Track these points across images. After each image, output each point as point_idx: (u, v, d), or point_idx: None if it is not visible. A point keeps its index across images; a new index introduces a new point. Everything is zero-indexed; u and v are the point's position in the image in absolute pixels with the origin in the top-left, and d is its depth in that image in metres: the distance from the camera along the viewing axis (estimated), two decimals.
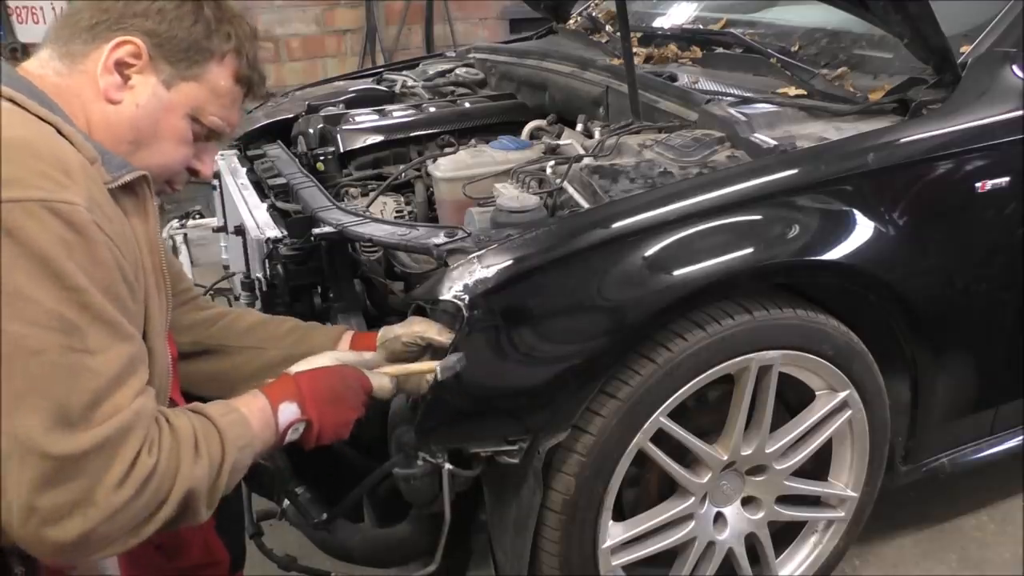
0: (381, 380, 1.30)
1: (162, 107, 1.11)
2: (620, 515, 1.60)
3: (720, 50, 2.21)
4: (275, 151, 2.26)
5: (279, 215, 1.87)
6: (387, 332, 1.41)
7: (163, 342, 1.13)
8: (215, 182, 2.23)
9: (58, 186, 0.92)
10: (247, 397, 1.15)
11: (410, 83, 2.70)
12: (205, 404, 1.11)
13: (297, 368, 1.26)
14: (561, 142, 1.91)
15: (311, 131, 2.29)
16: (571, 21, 2.88)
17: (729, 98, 1.83)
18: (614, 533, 1.57)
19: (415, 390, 1.35)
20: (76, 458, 0.89)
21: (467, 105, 2.44)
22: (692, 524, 1.64)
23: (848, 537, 1.83)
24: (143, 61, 1.09)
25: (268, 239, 1.71)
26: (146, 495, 0.95)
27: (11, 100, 1.00)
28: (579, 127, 2.08)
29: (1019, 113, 1.67)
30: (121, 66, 1.09)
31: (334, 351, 1.38)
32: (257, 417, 1.13)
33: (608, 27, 2.64)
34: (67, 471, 0.89)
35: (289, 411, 1.16)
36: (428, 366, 1.33)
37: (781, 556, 1.80)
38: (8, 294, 0.86)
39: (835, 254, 1.53)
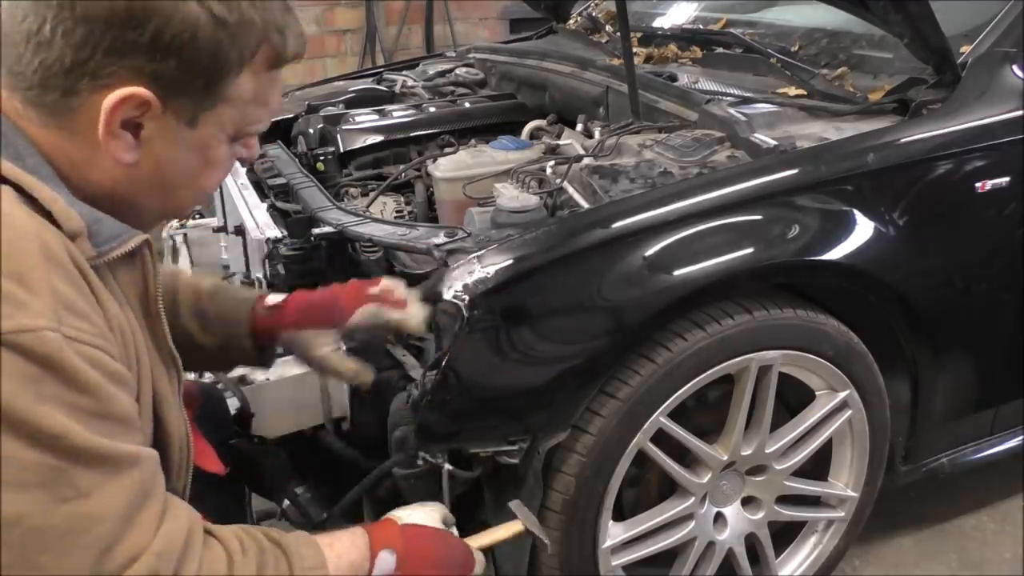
0: (479, 556, 1.14)
1: (191, 148, 0.89)
2: (620, 515, 1.60)
3: (720, 50, 2.21)
4: (275, 151, 2.26)
5: (279, 215, 1.88)
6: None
7: (176, 411, 1.00)
8: None
9: (14, 308, 0.73)
10: (346, 532, 1.01)
11: (410, 83, 2.70)
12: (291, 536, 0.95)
13: (405, 517, 1.11)
14: (561, 142, 1.91)
15: (311, 131, 2.29)
16: (571, 21, 2.88)
17: (729, 98, 1.83)
18: (614, 533, 1.57)
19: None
20: None
21: (467, 105, 2.45)
22: (692, 524, 1.64)
23: (848, 537, 1.83)
24: (154, 108, 0.84)
25: (268, 239, 1.71)
26: None
27: None
28: (579, 127, 2.08)
29: (1019, 113, 1.67)
30: (128, 124, 0.84)
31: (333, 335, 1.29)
32: (349, 553, 0.98)
33: (608, 27, 2.64)
34: None
35: (387, 563, 1.00)
36: (515, 529, 1.21)
37: (781, 556, 1.80)
38: None
39: (835, 254, 1.53)
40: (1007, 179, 1.65)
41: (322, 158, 2.21)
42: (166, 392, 0.97)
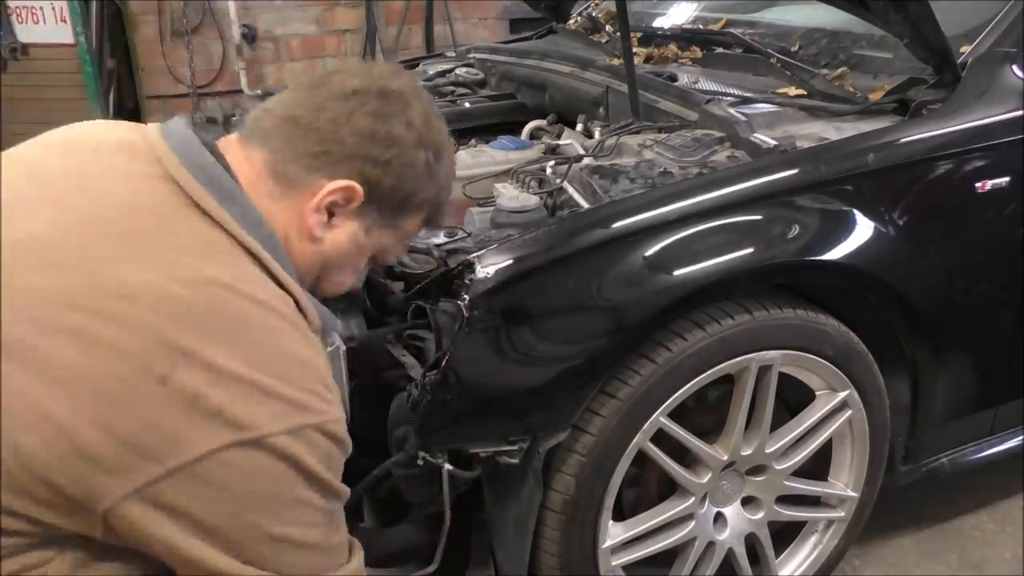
0: None
1: (356, 247, 1.09)
2: (620, 515, 1.60)
3: (720, 50, 2.21)
4: None
5: None
6: None
7: None
8: None
9: (326, 404, 0.95)
10: None
11: None
12: None
13: None
14: (561, 142, 1.91)
15: None
16: (571, 21, 2.88)
17: (729, 98, 1.83)
18: (614, 533, 1.57)
19: None
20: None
21: (467, 105, 2.44)
22: (692, 524, 1.64)
23: (848, 537, 1.83)
24: (354, 206, 1.04)
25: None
26: None
27: (256, 257, 0.96)
28: (579, 127, 2.08)
29: (1019, 113, 1.67)
30: (332, 206, 1.03)
31: None
32: None
33: (608, 27, 2.64)
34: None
35: None
36: None
37: (781, 556, 1.80)
38: (291, 503, 0.92)
39: (835, 254, 1.53)
40: (1007, 179, 1.65)
41: None
42: None
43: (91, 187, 0.95)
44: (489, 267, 1.36)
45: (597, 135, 1.92)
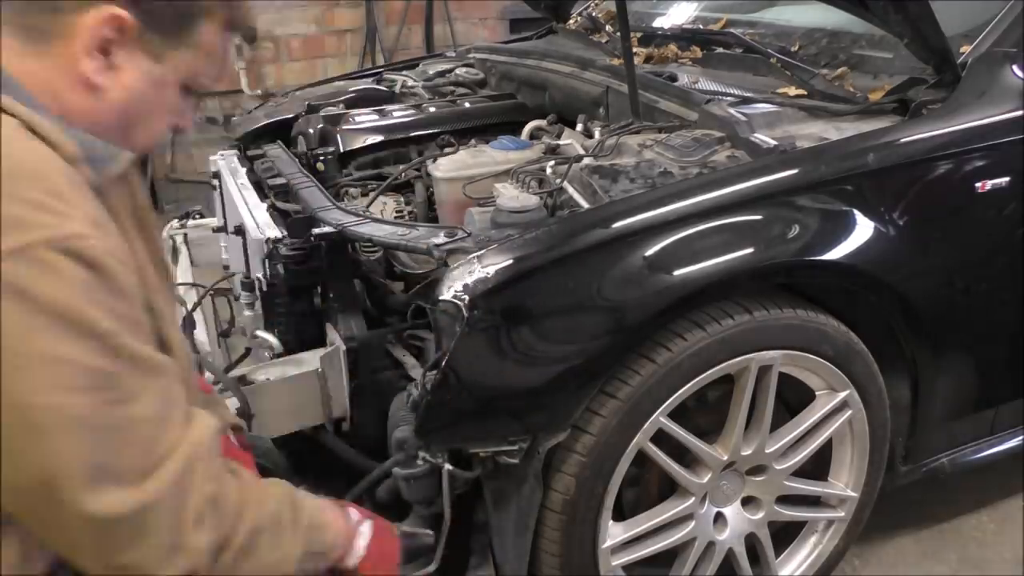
0: None
1: (153, 83, 0.94)
2: (620, 515, 1.60)
3: (720, 50, 2.21)
4: (275, 151, 2.26)
5: (279, 215, 1.87)
6: None
7: (176, 329, 1.04)
8: (215, 182, 2.23)
9: (60, 218, 0.79)
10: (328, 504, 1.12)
11: (410, 83, 2.70)
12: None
13: None
14: (561, 142, 1.91)
15: (311, 131, 2.29)
16: (571, 21, 2.88)
17: (729, 98, 1.83)
18: (614, 533, 1.57)
19: None
20: (149, 508, 0.83)
21: (467, 105, 2.44)
22: (692, 524, 1.64)
23: (848, 537, 1.83)
24: (128, 35, 0.90)
25: (268, 239, 1.71)
26: (220, 527, 0.90)
27: None
28: (579, 127, 2.08)
29: (1019, 113, 1.67)
30: (104, 44, 0.89)
31: None
32: (315, 503, 1.09)
33: (608, 27, 2.64)
34: (147, 523, 0.84)
35: (354, 514, 1.16)
36: None
37: (781, 556, 1.80)
38: (34, 362, 0.77)
39: (835, 254, 1.53)
40: (1007, 179, 1.65)
41: (322, 158, 2.21)
42: (166, 311, 1.00)
43: None
44: (489, 267, 1.36)
45: (597, 135, 1.92)
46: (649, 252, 1.43)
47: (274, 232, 1.74)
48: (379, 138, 2.30)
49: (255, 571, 0.95)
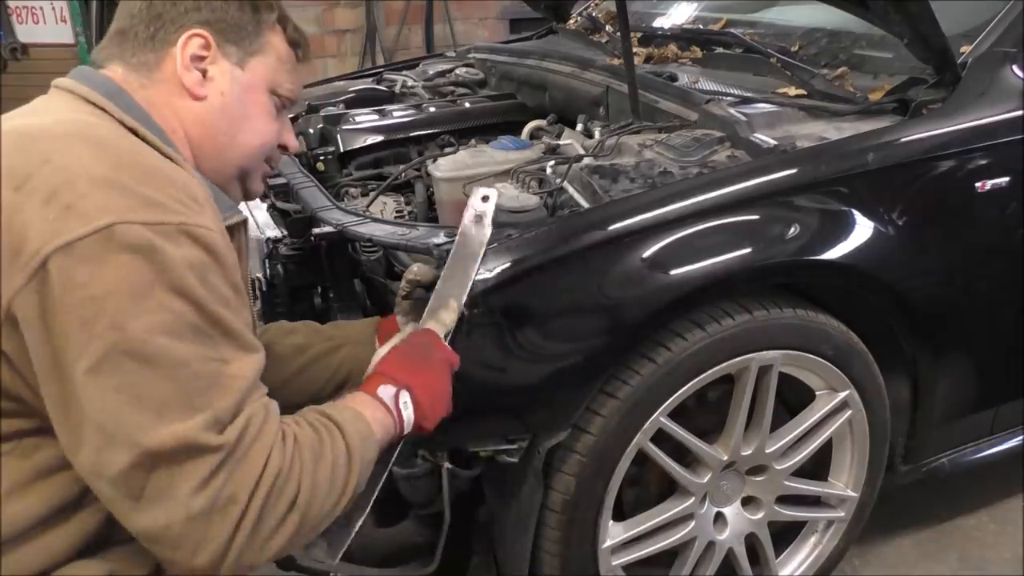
0: (439, 319, 1.31)
1: (244, 88, 1.14)
2: (620, 515, 1.60)
3: (720, 50, 2.21)
4: None
5: (279, 215, 1.87)
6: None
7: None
8: None
9: (194, 213, 0.95)
10: (350, 397, 1.15)
11: (410, 83, 2.70)
12: (321, 406, 1.11)
13: (369, 371, 1.26)
14: (561, 142, 1.91)
15: (311, 131, 2.29)
16: (571, 21, 2.88)
17: (729, 98, 1.83)
18: (614, 533, 1.57)
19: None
20: (230, 448, 0.91)
21: (467, 105, 2.44)
22: (692, 524, 1.64)
23: (848, 537, 1.83)
24: (213, 50, 1.11)
25: (268, 239, 1.71)
26: (281, 497, 0.96)
27: (133, 131, 1.03)
28: (579, 127, 2.08)
29: (1019, 113, 1.67)
30: (196, 60, 1.10)
31: (390, 341, 1.37)
32: (368, 406, 1.13)
33: (608, 27, 2.64)
34: (225, 463, 0.91)
35: (388, 392, 1.16)
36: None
37: (781, 556, 1.80)
38: (153, 309, 0.89)
39: (835, 254, 1.53)
40: (1007, 179, 1.65)
41: (322, 158, 2.21)
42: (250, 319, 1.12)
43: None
44: (489, 267, 1.36)
45: (597, 135, 1.92)
46: (649, 252, 1.43)
47: (274, 232, 1.74)
48: (379, 138, 2.30)
49: (320, 511, 1.01)
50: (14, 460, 0.95)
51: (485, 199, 1.41)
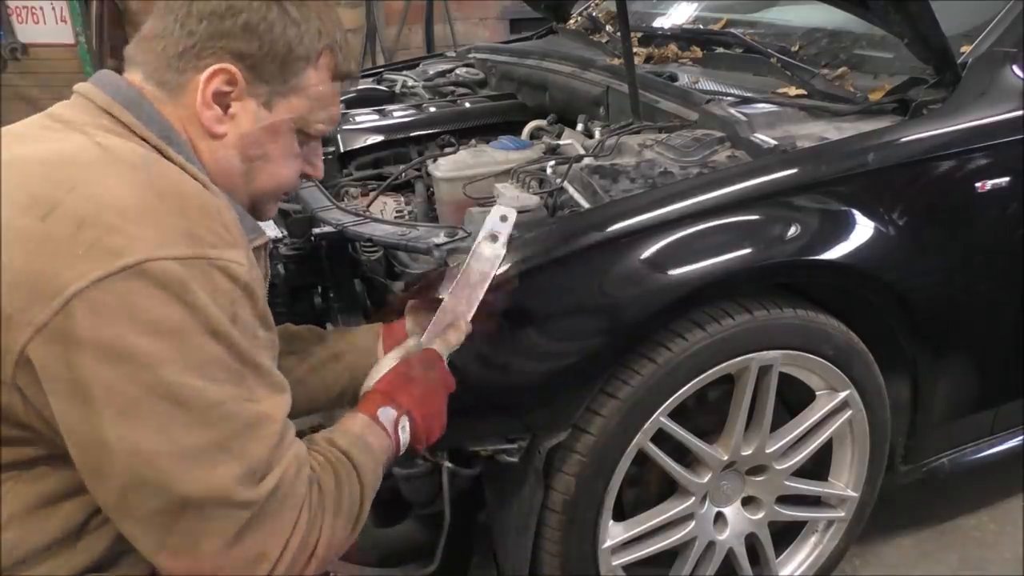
0: (446, 339, 1.28)
1: (267, 130, 1.05)
2: (620, 515, 1.60)
3: (720, 50, 2.21)
4: None
5: (279, 215, 1.87)
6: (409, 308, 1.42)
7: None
8: None
9: (227, 245, 0.92)
10: (349, 419, 1.13)
11: (410, 83, 2.70)
12: (334, 434, 1.09)
13: (368, 382, 1.24)
14: (561, 142, 1.91)
15: None
16: (571, 21, 2.88)
17: (729, 98, 1.83)
18: (614, 533, 1.57)
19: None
20: (262, 503, 0.90)
21: (467, 105, 2.44)
22: (692, 524, 1.64)
23: (848, 537, 1.83)
24: (240, 87, 1.02)
25: (268, 239, 1.71)
26: (306, 549, 0.96)
27: (158, 149, 0.98)
28: (579, 127, 2.08)
29: (1019, 113, 1.67)
30: (219, 96, 1.02)
31: (394, 351, 1.33)
32: (372, 433, 1.11)
33: (608, 27, 2.64)
34: (258, 518, 0.90)
35: (388, 414, 1.13)
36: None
37: (781, 556, 1.80)
38: (186, 351, 0.86)
39: (835, 254, 1.53)
40: (1007, 179, 1.65)
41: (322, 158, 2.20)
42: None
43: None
44: None
45: (597, 135, 1.92)
46: (649, 252, 1.43)
47: (274, 232, 1.73)
48: (379, 138, 2.30)
49: (336, 551, 1.01)
50: (22, 486, 0.92)
51: (504, 219, 1.35)
